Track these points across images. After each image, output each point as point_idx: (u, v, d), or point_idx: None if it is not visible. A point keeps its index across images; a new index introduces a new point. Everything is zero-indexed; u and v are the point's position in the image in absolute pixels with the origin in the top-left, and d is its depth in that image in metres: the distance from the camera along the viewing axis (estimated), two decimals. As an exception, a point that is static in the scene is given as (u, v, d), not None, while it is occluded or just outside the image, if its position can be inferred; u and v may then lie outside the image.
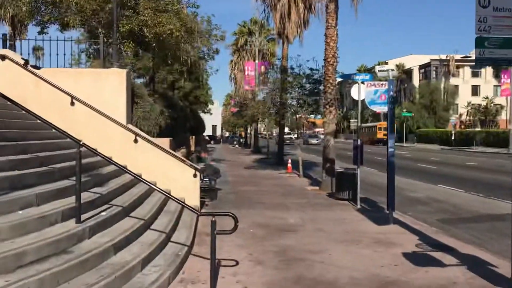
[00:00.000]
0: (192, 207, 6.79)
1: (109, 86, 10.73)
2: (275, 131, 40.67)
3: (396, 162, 27.83)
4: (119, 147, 10.60)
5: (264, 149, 39.22)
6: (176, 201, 6.77)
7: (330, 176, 15.10)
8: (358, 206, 11.93)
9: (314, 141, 58.14)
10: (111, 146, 10.57)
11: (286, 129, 51.26)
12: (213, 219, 5.65)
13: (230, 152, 45.26)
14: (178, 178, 10.76)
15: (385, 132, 11.84)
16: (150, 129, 11.75)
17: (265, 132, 51.72)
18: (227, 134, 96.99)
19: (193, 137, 25.28)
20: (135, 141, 10.56)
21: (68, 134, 7.14)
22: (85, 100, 10.45)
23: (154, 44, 12.38)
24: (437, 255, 7.42)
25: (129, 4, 12.25)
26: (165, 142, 11.46)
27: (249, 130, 54.49)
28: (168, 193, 7.18)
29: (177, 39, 12.30)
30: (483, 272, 6.48)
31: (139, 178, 6.95)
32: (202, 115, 42.16)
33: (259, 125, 48.16)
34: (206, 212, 7.15)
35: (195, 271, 6.32)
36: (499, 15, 5.85)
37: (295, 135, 51.87)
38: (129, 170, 7.35)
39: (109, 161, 7.11)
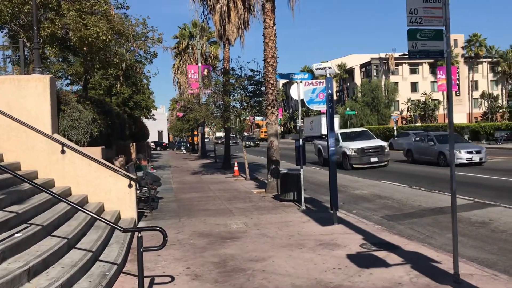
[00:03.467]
0: (113, 223, 6.22)
1: (31, 93, 9.91)
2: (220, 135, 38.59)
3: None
4: (44, 159, 9.86)
5: (212, 154, 38.64)
6: (95, 217, 6.17)
7: (275, 178, 14.85)
8: (303, 207, 11.70)
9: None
10: (36, 158, 9.84)
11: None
12: (139, 235, 5.12)
13: (176, 158, 44.32)
14: (112, 189, 10.11)
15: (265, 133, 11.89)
16: (79, 138, 10.96)
17: (211, 136, 50.74)
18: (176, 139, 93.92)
19: (134, 144, 24.35)
20: (62, 151, 9.81)
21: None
22: (5, 110, 9.64)
23: (78, 49, 11.56)
24: (382, 254, 7.24)
25: (50, 6, 11.38)
26: (96, 151, 10.73)
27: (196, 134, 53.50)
28: (88, 210, 6.56)
29: (105, 42, 11.58)
30: (427, 270, 6.33)
31: (55, 195, 6.29)
32: (145, 121, 40.96)
33: (206, 129, 47.45)
34: (131, 228, 6.59)
35: (125, 292, 5.77)
36: (429, 6, 5.73)
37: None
38: (41, 186, 6.64)
39: (16, 176, 6.39)
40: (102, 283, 5.60)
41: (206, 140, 47.24)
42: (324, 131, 12.48)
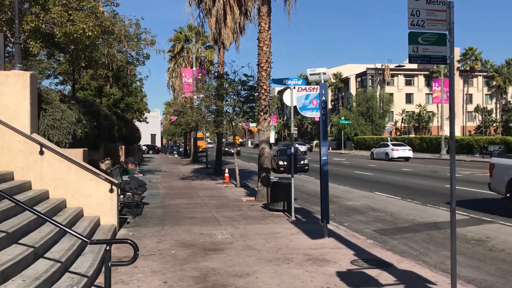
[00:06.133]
0: (82, 236, 5.71)
1: (10, 90, 9.38)
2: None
3: (334, 169, 27.67)
4: (22, 160, 9.34)
5: (204, 159, 38.10)
6: (58, 225, 5.67)
7: (265, 186, 14.39)
8: (293, 218, 11.23)
9: None
10: (12, 159, 9.33)
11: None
12: (107, 247, 4.64)
13: (168, 162, 43.69)
14: (92, 194, 9.60)
15: (239, 140, 11.30)
16: (61, 139, 10.44)
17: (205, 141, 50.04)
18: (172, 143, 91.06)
19: (123, 147, 23.79)
20: (41, 152, 9.29)
21: None
22: (-19, 107, 9.13)
23: (63, 46, 11.06)
24: (374, 272, 6.78)
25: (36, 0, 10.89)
26: (78, 153, 10.22)
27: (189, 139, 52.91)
28: (56, 221, 6.06)
29: (91, 39, 11.09)
30: (422, 292, 5.89)
31: (19, 203, 5.78)
32: (138, 124, 40.36)
33: (199, 133, 46.79)
34: (98, 240, 6.10)
35: (92, 309, 5.26)
36: (432, 8, 5.32)
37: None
38: (3, 192, 6.12)
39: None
40: (68, 298, 5.10)
41: (210, 146, 46.26)
42: (272, 140, 12.11)
